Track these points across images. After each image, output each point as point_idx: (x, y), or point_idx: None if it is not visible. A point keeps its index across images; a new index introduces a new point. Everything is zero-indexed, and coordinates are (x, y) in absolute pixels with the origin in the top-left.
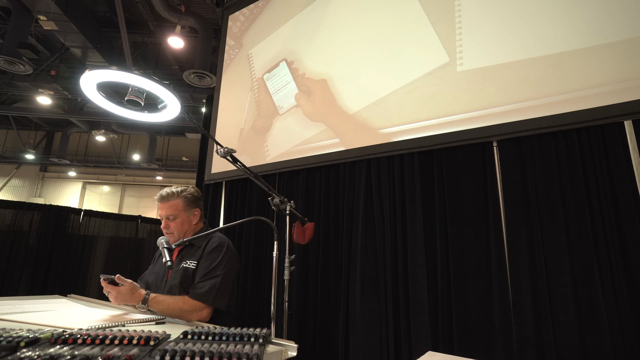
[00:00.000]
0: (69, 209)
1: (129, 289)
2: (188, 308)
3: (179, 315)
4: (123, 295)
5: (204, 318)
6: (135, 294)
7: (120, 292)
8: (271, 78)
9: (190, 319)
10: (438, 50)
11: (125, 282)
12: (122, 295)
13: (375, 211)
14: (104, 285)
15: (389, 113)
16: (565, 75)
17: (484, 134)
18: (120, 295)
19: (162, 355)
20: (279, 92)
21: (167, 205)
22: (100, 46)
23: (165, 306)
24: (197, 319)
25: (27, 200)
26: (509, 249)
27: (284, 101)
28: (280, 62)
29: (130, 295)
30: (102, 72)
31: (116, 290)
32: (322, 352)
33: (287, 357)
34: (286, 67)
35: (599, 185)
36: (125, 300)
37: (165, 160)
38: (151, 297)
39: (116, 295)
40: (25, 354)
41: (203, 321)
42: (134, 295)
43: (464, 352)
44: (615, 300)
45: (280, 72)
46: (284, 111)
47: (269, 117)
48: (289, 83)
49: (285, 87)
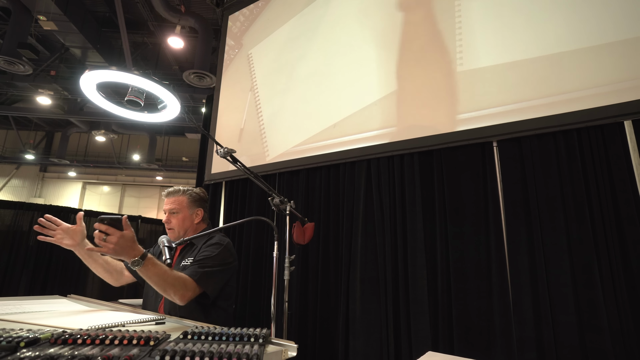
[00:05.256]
0: (69, 209)
1: (132, 236)
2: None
3: (171, 283)
4: (125, 241)
5: (188, 297)
6: (136, 244)
7: (124, 236)
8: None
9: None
10: (439, 50)
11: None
12: (125, 241)
13: (375, 211)
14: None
15: (389, 114)
16: (565, 75)
17: (484, 134)
18: (123, 241)
19: (162, 356)
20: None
21: (172, 199)
22: (100, 46)
23: (162, 271)
24: (181, 297)
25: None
26: (509, 249)
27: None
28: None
29: (132, 243)
30: (102, 72)
31: (119, 235)
32: (322, 352)
33: (287, 357)
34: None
35: (599, 185)
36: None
37: (165, 160)
38: (149, 256)
39: (117, 239)
40: (25, 354)
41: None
42: (135, 245)
43: (464, 352)
44: (616, 300)
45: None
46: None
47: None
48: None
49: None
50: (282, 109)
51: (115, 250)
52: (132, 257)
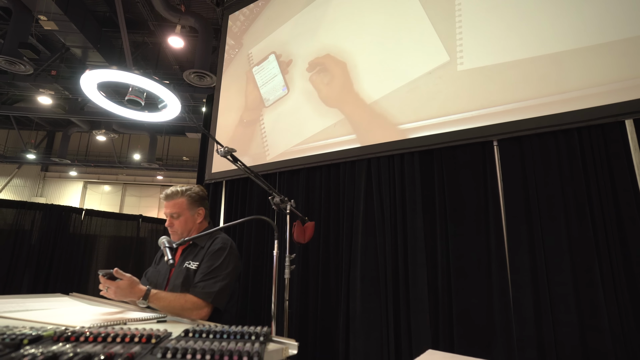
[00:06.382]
0: (70, 208)
1: (127, 283)
2: (189, 306)
3: (179, 312)
4: (122, 290)
5: (203, 316)
6: (135, 288)
7: (119, 286)
8: (259, 71)
9: (191, 317)
10: (438, 49)
11: (124, 276)
12: (121, 290)
13: (375, 210)
14: (102, 282)
15: (390, 113)
16: (566, 74)
17: (485, 133)
18: (120, 290)
19: (163, 353)
20: (266, 84)
21: (171, 203)
22: (100, 46)
23: (167, 303)
24: (197, 317)
25: (29, 199)
26: (509, 248)
27: (270, 94)
28: (269, 55)
29: (129, 289)
30: (103, 71)
31: (115, 285)
32: (322, 351)
33: (287, 355)
34: (275, 59)
35: (600, 185)
36: (124, 295)
37: (166, 159)
38: (152, 293)
39: (115, 290)
40: (29, 351)
41: (203, 319)
42: (134, 289)
43: (464, 350)
44: (616, 299)
45: (268, 66)
46: (270, 103)
47: (256, 109)
48: (277, 76)
49: (272, 79)
50: (282, 108)
51: (117, 296)
52: (136, 298)
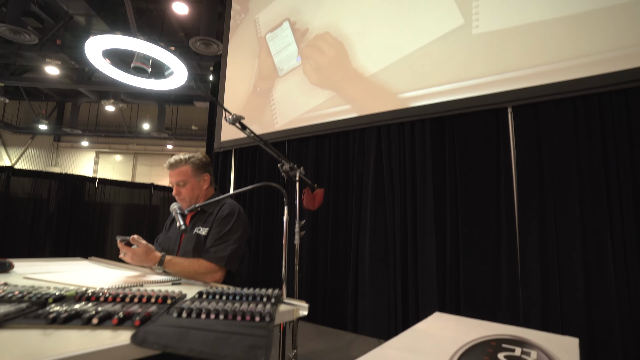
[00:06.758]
0: (84, 177)
1: (143, 250)
2: (203, 270)
3: (193, 276)
4: (138, 256)
5: (217, 280)
6: (150, 255)
7: (135, 253)
8: (273, 39)
9: (205, 280)
10: (453, 12)
11: (140, 243)
12: (137, 256)
13: (385, 178)
14: (120, 247)
15: (402, 78)
16: (590, 36)
17: (499, 100)
18: (136, 257)
19: (179, 312)
20: (279, 53)
21: (176, 172)
22: (103, 13)
23: (181, 268)
24: (211, 280)
25: (44, 169)
26: (519, 216)
27: (284, 63)
28: (283, 22)
29: (145, 256)
30: (107, 37)
31: (131, 252)
32: (331, 313)
33: (298, 316)
34: (289, 27)
35: (618, 154)
36: (140, 261)
37: (175, 129)
38: (167, 259)
39: (132, 256)
40: (54, 308)
41: (217, 282)
42: (149, 256)
43: (470, 314)
44: (625, 267)
45: (282, 33)
46: (283, 73)
47: (269, 78)
48: (291, 44)
49: (286, 48)
50: (295, 79)
51: (134, 261)
52: (152, 264)
